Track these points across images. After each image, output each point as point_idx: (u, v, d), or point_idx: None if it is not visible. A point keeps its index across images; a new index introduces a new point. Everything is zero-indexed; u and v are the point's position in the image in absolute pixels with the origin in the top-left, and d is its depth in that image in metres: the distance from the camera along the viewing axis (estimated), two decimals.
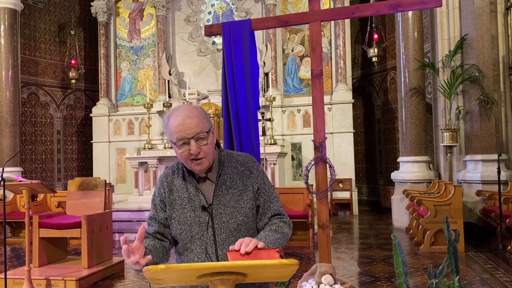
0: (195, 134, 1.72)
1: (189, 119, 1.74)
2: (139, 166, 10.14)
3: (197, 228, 1.79)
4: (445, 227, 2.07)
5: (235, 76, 3.00)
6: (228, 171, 1.84)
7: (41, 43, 13.28)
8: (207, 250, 1.78)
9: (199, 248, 1.79)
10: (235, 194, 1.81)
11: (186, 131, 1.72)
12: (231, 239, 1.77)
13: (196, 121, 1.74)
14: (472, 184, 7.46)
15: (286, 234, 1.83)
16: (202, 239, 1.78)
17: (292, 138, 11.16)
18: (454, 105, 7.91)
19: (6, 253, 5.49)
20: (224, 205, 1.79)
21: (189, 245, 1.81)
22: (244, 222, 1.80)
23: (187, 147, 1.73)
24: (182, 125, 1.72)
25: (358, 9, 2.83)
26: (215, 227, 1.78)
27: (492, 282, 4.84)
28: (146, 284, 5.08)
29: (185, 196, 1.82)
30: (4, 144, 10.31)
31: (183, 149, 1.74)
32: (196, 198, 1.80)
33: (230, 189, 1.81)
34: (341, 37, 10.87)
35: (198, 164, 1.76)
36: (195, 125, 1.73)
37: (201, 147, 1.74)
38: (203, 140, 1.74)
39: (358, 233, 8.52)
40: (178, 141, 1.73)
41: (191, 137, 1.72)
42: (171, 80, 11.68)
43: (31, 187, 4.69)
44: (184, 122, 1.73)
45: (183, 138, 1.72)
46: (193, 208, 1.80)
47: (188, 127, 1.72)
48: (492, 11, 7.64)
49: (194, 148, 1.72)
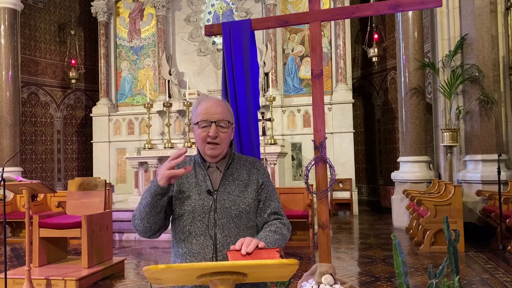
0: (218, 120, 1.87)
1: (217, 106, 1.91)
2: (139, 166, 10.15)
3: (200, 210, 1.86)
4: (445, 227, 2.07)
5: (235, 76, 3.00)
6: (236, 166, 1.95)
7: (41, 43, 13.28)
8: (206, 232, 1.84)
9: (198, 230, 1.85)
10: (240, 185, 1.91)
11: (211, 114, 1.87)
12: (231, 224, 1.85)
13: (222, 110, 1.90)
14: (472, 184, 7.46)
15: (285, 236, 1.91)
16: (203, 222, 1.85)
17: (292, 138, 11.16)
18: (454, 105, 7.91)
19: (6, 253, 5.49)
20: (229, 193, 1.88)
21: (188, 228, 1.86)
22: (245, 211, 1.88)
23: (207, 130, 1.86)
24: (210, 108, 1.89)
25: (358, 9, 2.83)
26: (217, 211, 1.85)
27: (492, 282, 4.84)
28: (146, 284, 5.08)
29: (193, 181, 1.92)
30: (4, 144, 10.31)
31: (203, 130, 1.87)
32: (203, 183, 1.90)
33: (236, 180, 1.91)
34: (341, 37, 10.87)
35: (212, 148, 1.88)
36: (220, 112, 1.89)
37: (219, 133, 1.87)
38: (224, 128, 1.88)
39: (358, 233, 8.52)
40: (201, 121, 1.87)
41: (214, 121, 1.86)
42: (171, 80, 11.68)
43: (31, 187, 4.69)
44: (212, 106, 1.90)
45: (206, 120, 1.87)
46: (199, 192, 1.89)
47: (214, 111, 1.88)
48: (492, 11, 7.64)
49: (213, 131, 1.85)
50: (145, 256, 6.80)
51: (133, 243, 7.72)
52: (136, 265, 6.27)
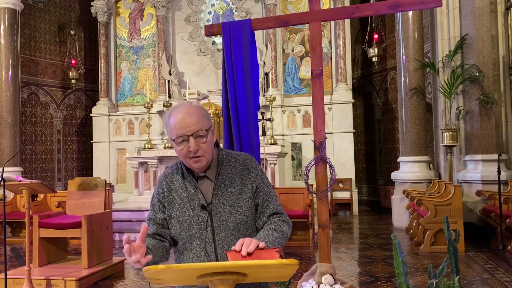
0: (194, 132, 1.74)
1: (189, 116, 1.75)
2: (139, 166, 10.15)
3: (196, 227, 1.79)
4: (445, 227, 2.07)
5: (235, 76, 3.00)
6: (227, 170, 1.84)
7: (41, 43, 13.28)
8: (206, 249, 1.78)
9: (198, 247, 1.79)
10: (234, 193, 1.81)
11: (185, 128, 1.73)
12: (230, 237, 1.78)
13: (196, 119, 1.75)
14: (472, 184, 7.46)
15: (286, 233, 1.84)
16: (201, 238, 1.79)
17: (292, 138, 11.16)
18: (454, 105, 7.90)
19: (6, 253, 5.49)
20: (223, 204, 1.80)
21: (188, 244, 1.81)
22: (243, 221, 1.81)
23: (186, 144, 1.75)
24: (182, 122, 1.74)
25: (358, 9, 2.83)
26: (214, 226, 1.78)
27: (492, 282, 4.84)
28: (146, 284, 5.08)
29: (184, 195, 1.83)
30: (4, 144, 10.31)
31: (182, 146, 1.76)
32: (195, 197, 1.81)
33: (229, 187, 1.82)
34: (341, 37, 10.87)
35: (197, 162, 1.77)
36: (195, 122, 1.74)
37: (200, 145, 1.75)
38: (202, 138, 1.75)
39: (358, 233, 8.52)
40: (177, 138, 1.75)
41: (191, 135, 1.74)
42: (171, 80, 11.68)
43: (31, 187, 4.69)
44: (184, 119, 1.74)
45: (182, 135, 1.74)
46: (192, 207, 1.80)
47: (188, 124, 1.74)
48: (492, 11, 7.63)
49: (193, 146, 1.73)
50: None
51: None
52: None
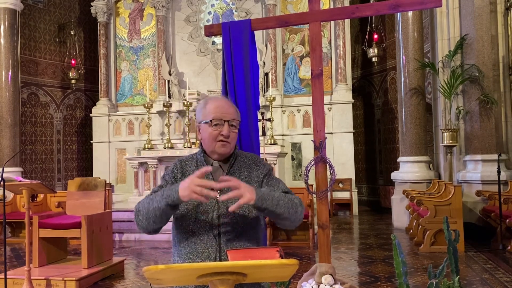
0: (230, 119, 1.92)
1: (228, 106, 1.96)
2: (139, 166, 10.15)
3: (203, 210, 1.86)
4: (445, 227, 2.07)
5: (235, 76, 2.99)
6: (237, 164, 1.99)
7: (41, 43, 13.28)
8: (209, 232, 1.84)
9: (202, 229, 1.85)
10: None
11: (225, 113, 1.92)
12: (234, 223, 1.86)
13: (234, 110, 1.97)
14: (472, 184, 7.46)
15: (295, 204, 1.90)
16: (206, 221, 1.85)
17: (292, 138, 11.16)
18: (454, 105, 7.91)
19: (6, 253, 5.50)
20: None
21: (191, 227, 1.87)
22: (248, 210, 1.88)
23: (219, 128, 1.90)
24: (223, 107, 1.94)
25: (358, 9, 2.83)
26: (221, 211, 1.86)
27: (492, 282, 4.84)
28: (146, 284, 5.08)
29: None
30: (4, 144, 10.31)
31: (215, 129, 1.90)
32: None
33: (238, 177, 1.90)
34: (341, 37, 10.87)
35: (223, 146, 1.91)
36: (233, 112, 1.96)
37: (231, 132, 1.92)
38: (234, 128, 1.94)
39: (358, 233, 8.52)
40: (214, 119, 1.90)
41: (227, 120, 1.91)
42: (171, 80, 11.68)
43: (31, 187, 4.69)
44: (224, 105, 1.95)
45: (219, 119, 1.90)
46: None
47: (227, 111, 1.93)
48: (492, 11, 7.64)
49: (226, 131, 1.89)
50: (145, 256, 6.80)
51: (133, 243, 7.71)
52: (136, 265, 6.27)
